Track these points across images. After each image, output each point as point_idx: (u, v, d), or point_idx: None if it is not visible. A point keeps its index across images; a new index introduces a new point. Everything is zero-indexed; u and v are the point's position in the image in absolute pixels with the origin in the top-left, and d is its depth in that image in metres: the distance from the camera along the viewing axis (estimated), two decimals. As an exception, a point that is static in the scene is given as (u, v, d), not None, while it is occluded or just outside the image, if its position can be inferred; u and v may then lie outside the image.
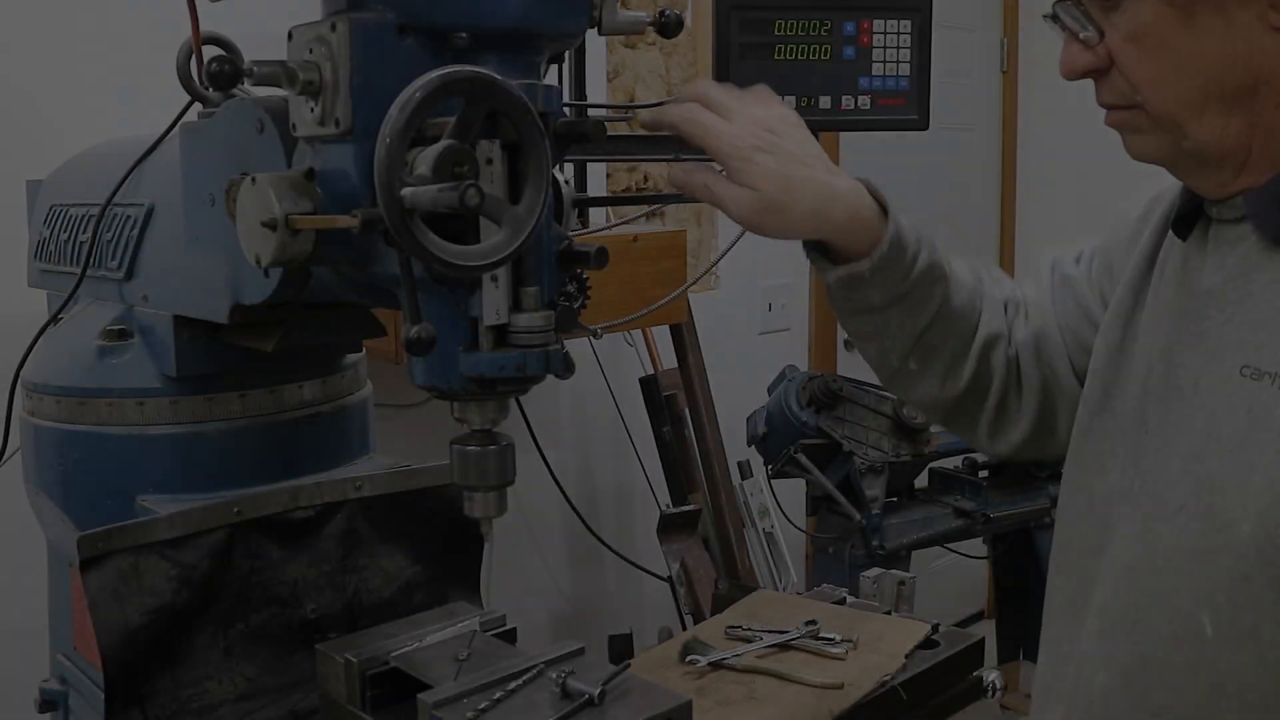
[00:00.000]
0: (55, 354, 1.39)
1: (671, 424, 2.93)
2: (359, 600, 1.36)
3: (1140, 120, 1.05)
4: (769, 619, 1.58)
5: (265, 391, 1.34)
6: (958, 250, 1.27)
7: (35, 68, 2.08)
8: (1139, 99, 1.03)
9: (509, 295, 1.01)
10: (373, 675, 1.21)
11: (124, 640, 1.19)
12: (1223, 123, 1.01)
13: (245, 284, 1.14)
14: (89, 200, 1.44)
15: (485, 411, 1.08)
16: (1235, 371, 1.00)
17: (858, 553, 2.88)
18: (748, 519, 3.10)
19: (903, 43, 1.46)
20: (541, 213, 0.96)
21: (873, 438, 2.82)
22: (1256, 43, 0.98)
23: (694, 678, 1.45)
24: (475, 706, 1.09)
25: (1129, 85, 1.04)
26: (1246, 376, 0.99)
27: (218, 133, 1.15)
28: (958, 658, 1.51)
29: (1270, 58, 0.99)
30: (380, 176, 0.89)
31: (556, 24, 1.02)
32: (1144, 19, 1.00)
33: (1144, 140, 1.06)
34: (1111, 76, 1.05)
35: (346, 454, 1.44)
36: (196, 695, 1.24)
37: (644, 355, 3.01)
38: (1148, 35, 1.01)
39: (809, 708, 1.36)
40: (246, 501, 1.27)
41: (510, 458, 1.09)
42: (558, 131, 1.05)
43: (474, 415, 1.08)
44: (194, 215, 1.19)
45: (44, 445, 1.37)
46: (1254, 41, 0.98)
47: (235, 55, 1.35)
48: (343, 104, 0.96)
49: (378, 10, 0.97)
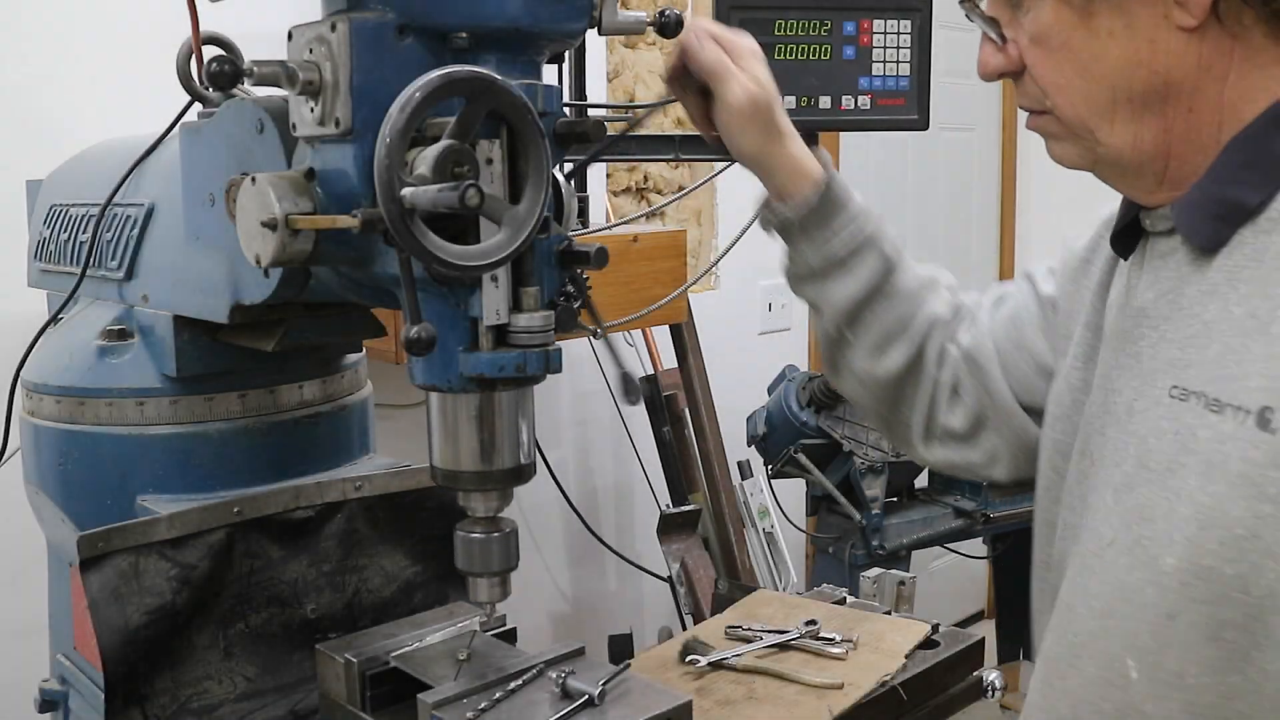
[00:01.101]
0: (55, 354, 1.39)
1: (671, 424, 2.93)
2: (359, 600, 1.36)
3: (1054, 126, 1.02)
4: (769, 619, 1.58)
5: (265, 391, 1.34)
6: (958, 250, 1.29)
7: (35, 68, 2.08)
8: (1049, 104, 1.00)
9: (509, 295, 1.01)
10: (373, 675, 1.21)
11: (124, 640, 1.18)
12: (1134, 129, 0.96)
13: (245, 284, 1.14)
14: (89, 200, 1.44)
15: (489, 500, 1.10)
16: (1165, 393, 0.93)
17: (858, 553, 2.88)
18: (748, 519, 3.10)
19: (903, 43, 1.46)
20: (541, 213, 0.96)
21: (873, 438, 2.82)
22: (1162, 44, 0.93)
23: (694, 678, 1.45)
24: (475, 706, 1.09)
25: (1039, 89, 1.00)
26: (1175, 398, 0.92)
27: (218, 133, 1.15)
28: (958, 658, 1.51)
29: (1178, 59, 0.93)
30: (380, 176, 0.89)
31: (556, 24, 1.02)
32: (1045, 20, 0.97)
33: (1061, 147, 1.03)
34: (1024, 79, 1.02)
35: (346, 454, 1.44)
36: (196, 695, 1.24)
37: (644, 355, 3.02)
38: (1050, 37, 0.97)
39: (809, 708, 1.36)
40: (246, 501, 1.27)
41: (513, 544, 1.12)
42: (558, 131, 1.05)
43: (477, 504, 1.10)
44: (194, 215, 1.19)
45: (44, 445, 1.37)
46: (1159, 43, 0.93)
47: (235, 55, 1.35)
48: (343, 104, 0.96)
49: (378, 10, 0.97)
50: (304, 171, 1.01)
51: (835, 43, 1.44)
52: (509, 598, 1.14)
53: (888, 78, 1.47)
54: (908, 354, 1.29)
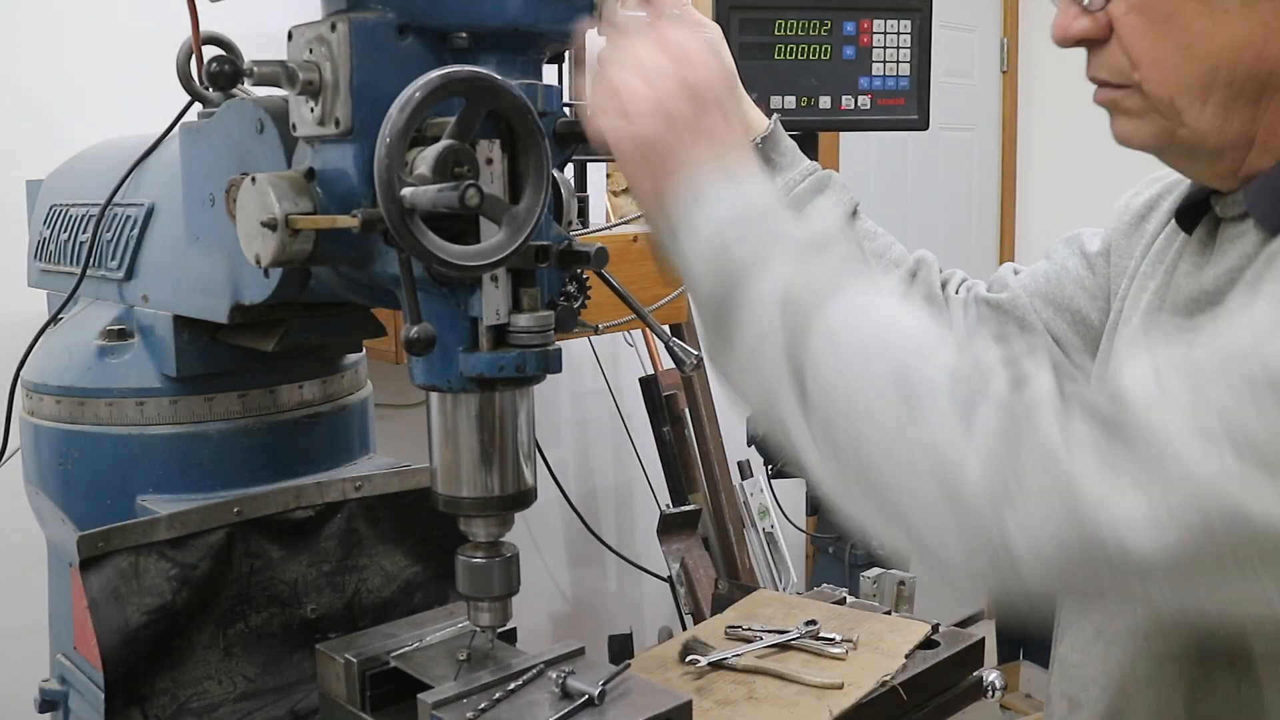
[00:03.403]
0: (55, 354, 1.39)
1: (671, 424, 2.93)
2: (359, 600, 1.36)
3: (1133, 101, 0.97)
4: (769, 619, 1.58)
5: (265, 391, 1.34)
6: (958, 250, 1.29)
7: (35, 68, 2.08)
8: (1136, 77, 0.95)
9: (508, 295, 1.01)
10: (373, 675, 1.21)
11: (124, 640, 1.18)
12: (1224, 114, 0.93)
13: (245, 284, 1.14)
14: (89, 200, 1.44)
15: (489, 525, 1.10)
16: None
17: (858, 553, 2.88)
18: (748, 519, 3.10)
19: (903, 43, 1.46)
20: (541, 213, 0.96)
21: (873, 438, 2.82)
22: (1276, 31, 0.89)
23: (694, 678, 1.45)
24: (475, 706, 1.09)
25: (1127, 60, 0.95)
26: None
27: (218, 133, 1.15)
28: (958, 658, 1.51)
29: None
30: (380, 176, 0.89)
31: (556, 24, 1.02)
32: None
33: (1134, 125, 0.99)
34: (1109, 48, 0.96)
35: (346, 454, 1.44)
36: (196, 695, 1.24)
37: (644, 355, 3.01)
38: (1157, 6, 0.92)
39: (809, 708, 1.36)
40: (246, 501, 1.27)
41: (514, 569, 1.12)
42: (558, 131, 1.05)
43: (479, 529, 1.10)
44: (194, 215, 1.19)
45: (44, 445, 1.37)
46: (1273, 29, 0.89)
47: (235, 55, 1.35)
48: (343, 104, 0.96)
49: (378, 10, 0.97)
50: (304, 171, 1.01)
51: (835, 43, 1.45)
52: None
53: (888, 78, 1.47)
54: (900, 279, 1.28)
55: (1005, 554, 0.73)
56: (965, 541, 0.75)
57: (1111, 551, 0.71)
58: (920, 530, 0.77)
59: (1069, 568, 0.73)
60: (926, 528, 0.76)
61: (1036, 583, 0.75)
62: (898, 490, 0.77)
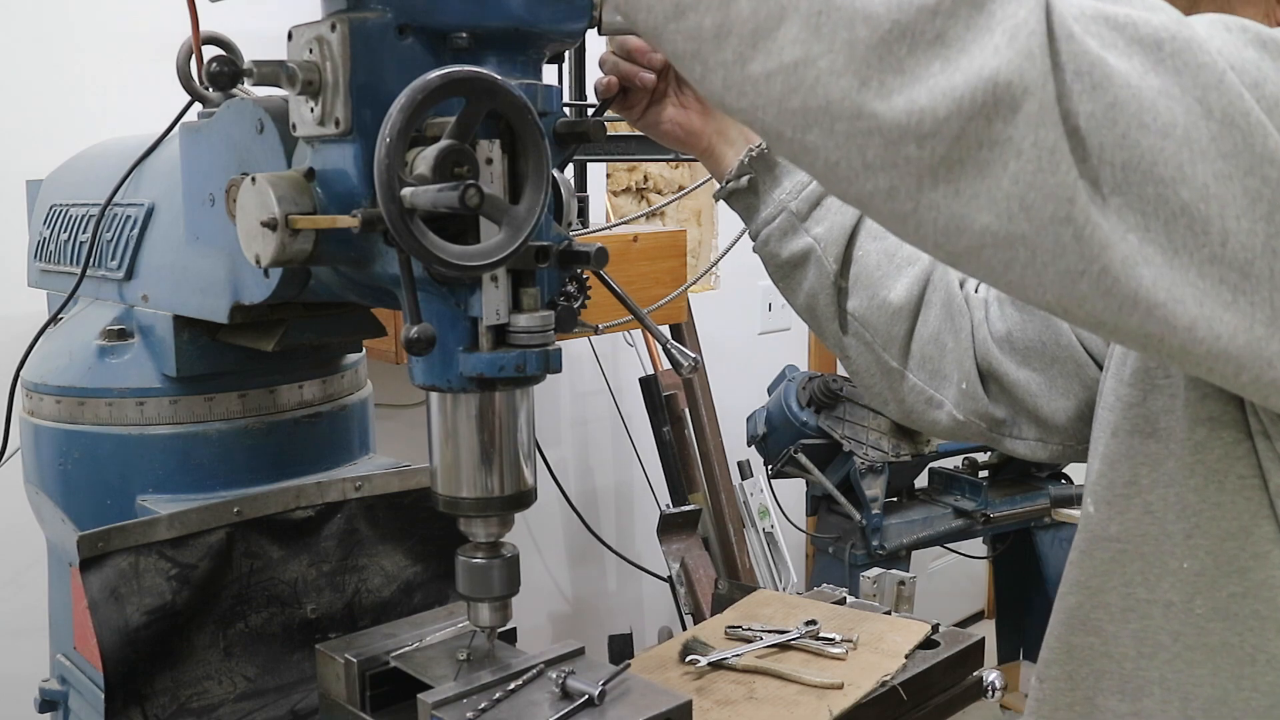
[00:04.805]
0: (55, 354, 1.39)
1: (671, 424, 2.93)
2: (359, 600, 1.36)
3: None
4: (769, 619, 1.58)
5: (265, 391, 1.34)
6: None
7: (35, 68, 2.08)
8: None
9: (508, 295, 1.01)
10: (373, 675, 1.21)
11: (124, 640, 1.19)
12: None
13: (245, 284, 1.14)
14: (89, 200, 1.44)
15: (489, 526, 1.10)
16: None
17: (858, 553, 2.88)
18: (748, 519, 3.10)
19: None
20: (541, 213, 0.96)
21: (873, 438, 2.82)
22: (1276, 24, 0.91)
23: (694, 678, 1.45)
24: (475, 706, 1.09)
25: None
26: None
27: (218, 133, 1.15)
28: (958, 658, 1.51)
29: None
30: (380, 176, 0.89)
31: (556, 24, 1.02)
32: None
33: None
34: None
35: (346, 454, 1.44)
36: (196, 695, 1.24)
37: (644, 355, 3.02)
38: None
39: (809, 708, 1.36)
40: (246, 501, 1.27)
41: (514, 569, 1.12)
42: (558, 131, 1.05)
43: (478, 529, 1.10)
44: (194, 215, 1.19)
45: (44, 445, 1.37)
46: (1275, 21, 0.91)
47: (235, 55, 1.35)
48: (342, 104, 0.96)
49: (378, 10, 0.97)
50: (304, 171, 1.01)
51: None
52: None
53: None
54: (917, 278, 1.25)
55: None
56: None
57: None
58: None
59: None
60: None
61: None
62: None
